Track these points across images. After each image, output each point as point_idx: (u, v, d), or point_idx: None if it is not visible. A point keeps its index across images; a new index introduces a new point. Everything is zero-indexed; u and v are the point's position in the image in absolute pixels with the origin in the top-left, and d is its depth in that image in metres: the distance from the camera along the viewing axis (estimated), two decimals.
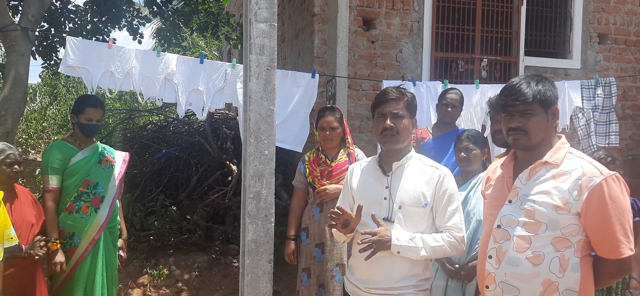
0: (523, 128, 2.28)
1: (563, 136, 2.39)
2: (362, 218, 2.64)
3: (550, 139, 2.34)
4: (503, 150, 3.29)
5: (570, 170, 2.24)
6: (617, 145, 6.29)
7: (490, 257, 2.36)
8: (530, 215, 2.26)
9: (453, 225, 2.65)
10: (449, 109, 4.54)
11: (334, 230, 2.84)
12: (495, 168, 2.58)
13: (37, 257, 3.45)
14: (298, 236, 4.20)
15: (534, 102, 2.26)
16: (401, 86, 2.80)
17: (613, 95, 6.21)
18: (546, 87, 2.30)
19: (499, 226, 2.35)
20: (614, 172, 2.21)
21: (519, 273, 2.26)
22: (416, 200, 2.63)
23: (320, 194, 4.00)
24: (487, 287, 2.37)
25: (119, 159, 4.18)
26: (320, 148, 4.17)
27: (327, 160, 4.09)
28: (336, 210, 2.62)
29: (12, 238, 3.16)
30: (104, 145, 4.15)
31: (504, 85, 2.43)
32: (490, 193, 2.52)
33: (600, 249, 2.23)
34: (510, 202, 2.35)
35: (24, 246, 3.39)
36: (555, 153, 2.30)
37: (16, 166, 3.51)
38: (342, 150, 4.12)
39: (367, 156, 3.11)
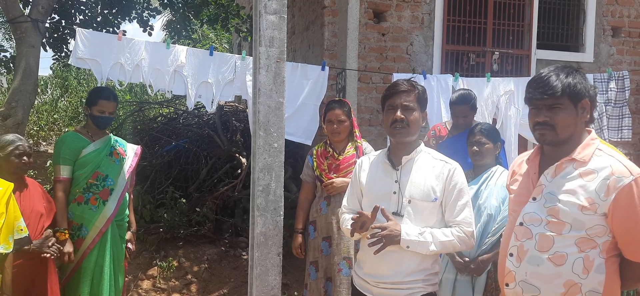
0: (550, 123, 2.19)
1: (593, 131, 2.29)
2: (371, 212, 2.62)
3: (579, 134, 2.24)
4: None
5: (598, 168, 2.14)
6: (630, 139, 6.22)
7: (511, 255, 2.29)
8: (554, 214, 2.18)
9: (462, 219, 2.62)
10: (461, 121, 4.46)
11: (343, 226, 2.82)
12: (521, 162, 2.49)
13: (46, 255, 3.46)
14: (306, 230, 4.19)
15: (563, 95, 2.16)
16: (412, 79, 2.77)
17: (626, 89, 6.13)
18: (576, 79, 2.19)
19: (521, 224, 2.28)
20: None
21: (540, 272, 2.19)
22: (426, 195, 2.60)
23: (327, 187, 3.99)
24: (507, 285, 2.31)
25: (131, 152, 4.19)
26: (328, 142, 4.15)
27: (334, 153, 4.07)
28: (357, 214, 2.57)
29: (22, 229, 3.17)
30: (116, 138, 4.15)
31: (515, 78, 2.37)
32: (515, 188, 2.43)
33: (627, 251, 2.15)
34: (534, 199, 2.27)
35: (33, 242, 3.40)
36: (584, 149, 2.20)
37: (25, 157, 3.52)
38: (349, 144, 4.10)
39: (377, 150, 3.08)
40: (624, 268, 2.20)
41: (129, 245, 4.15)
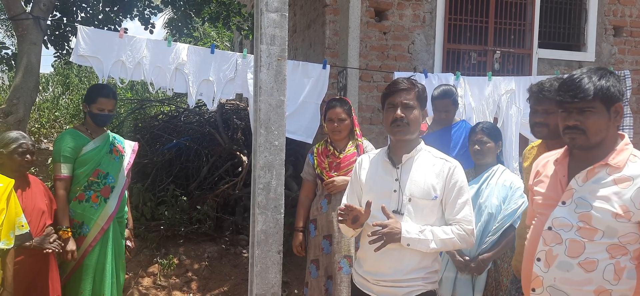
0: (580, 128, 2.12)
1: (626, 136, 2.23)
2: (372, 210, 2.62)
3: (612, 139, 2.17)
4: (535, 141, 3.20)
5: (634, 175, 2.08)
6: (631, 139, 6.21)
7: (538, 259, 2.23)
8: (586, 221, 2.11)
9: (463, 217, 2.62)
10: (443, 115, 4.45)
11: (342, 224, 2.82)
12: (546, 162, 2.41)
13: (48, 251, 3.47)
14: (306, 228, 4.19)
15: (595, 99, 2.08)
16: (412, 77, 2.77)
17: (627, 88, 6.12)
18: (610, 82, 2.11)
19: (550, 228, 2.21)
20: None
21: (569, 278, 2.13)
22: (426, 193, 2.61)
23: (328, 186, 3.99)
24: (533, 290, 2.25)
25: (129, 149, 4.19)
26: (329, 140, 4.15)
27: (335, 151, 4.07)
28: (344, 206, 2.59)
29: (23, 225, 3.17)
30: (114, 135, 4.15)
31: (516, 77, 2.34)
32: (541, 190, 2.36)
33: None
34: (563, 203, 2.20)
35: (34, 238, 3.40)
36: (618, 155, 2.14)
37: (28, 155, 3.51)
38: (350, 142, 4.11)
39: (378, 148, 3.08)
40: None
41: (128, 242, 4.16)
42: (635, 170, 2.10)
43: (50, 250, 3.49)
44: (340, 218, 2.62)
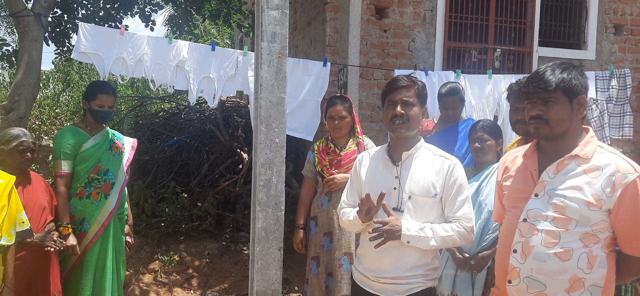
0: (543, 117, 2.21)
1: (590, 128, 2.31)
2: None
3: (576, 131, 2.26)
4: (515, 138, 3.24)
5: (603, 165, 2.17)
6: (631, 137, 6.23)
7: (515, 251, 2.28)
8: (560, 211, 2.19)
9: (462, 215, 2.63)
10: (450, 113, 4.45)
11: (344, 219, 2.83)
12: (514, 158, 2.49)
13: (50, 249, 3.48)
14: (307, 225, 4.20)
15: (557, 90, 2.19)
16: (412, 74, 2.78)
17: (627, 86, 6.13)
18: (572, 75, 2.21)
19: (525, 220, 2.27)
20: None
21: (546, 268, 2.19)
22: (426, 191, 2.62)
23: (329, 183, 4.00)
24: (509, 282, 2.29)
25: (128, 145, 4.20)
26: (330, 138, 4.16)
27: (336, 149, 4.08)
28: (366, 196, 2.57)
29: (23, 222, 3.18)
30: (113, 131, 4.16)
31: (516, 75, 2.38)
32: (511, 184, 2.43)
33: (627, 247, 2.19)
34: (536, 195, 2.27)
35: (35, 234, 3.41)
36: (586, 146, 2.23)
37: (29, 153, 3.52)
38: (351, 140, 4.11)
39: (379, 146, 3.09)
40: (621, 263, 2.24)
41: (128, 238, 4.17)
42: (603, 160, 2.19)
43: (52, 249, 3.50)
44: (359, 207, 2.62)
